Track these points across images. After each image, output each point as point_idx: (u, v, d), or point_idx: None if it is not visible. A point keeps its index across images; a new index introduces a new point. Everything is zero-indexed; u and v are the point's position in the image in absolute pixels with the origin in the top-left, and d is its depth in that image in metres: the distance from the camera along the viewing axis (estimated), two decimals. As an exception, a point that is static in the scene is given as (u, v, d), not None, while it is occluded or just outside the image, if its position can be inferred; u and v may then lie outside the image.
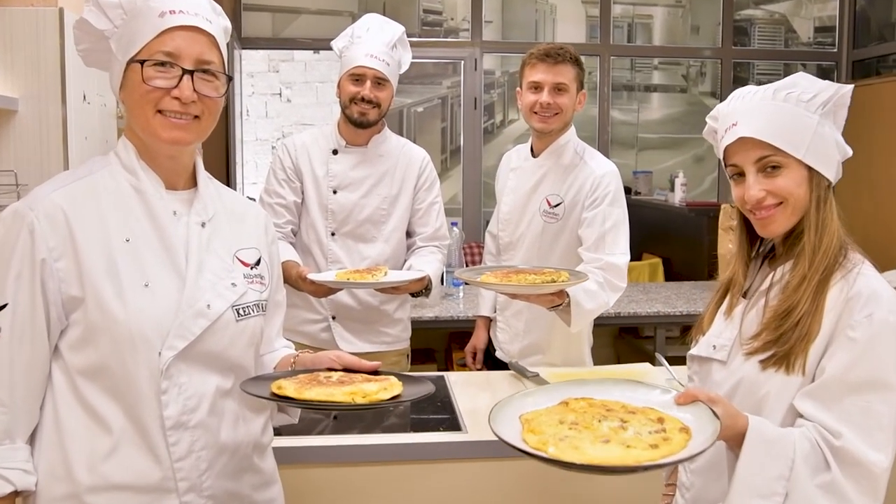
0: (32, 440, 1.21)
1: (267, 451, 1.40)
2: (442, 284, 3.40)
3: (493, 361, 2.53)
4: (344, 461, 1.75)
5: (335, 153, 2.36)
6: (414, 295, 2.32)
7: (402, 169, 2.39)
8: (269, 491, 1.39)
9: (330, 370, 1.31)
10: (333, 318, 2.38)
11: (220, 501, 1.27)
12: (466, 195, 5.03)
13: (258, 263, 1.35)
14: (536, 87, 2.24)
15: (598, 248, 2.21)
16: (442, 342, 3.98)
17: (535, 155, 2.37)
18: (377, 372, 1.30)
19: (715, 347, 1.32)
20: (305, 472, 1.73)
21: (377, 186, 2.36)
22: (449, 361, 3.86)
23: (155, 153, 1.25)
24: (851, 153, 1.27)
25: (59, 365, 1.20)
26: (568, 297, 2.05)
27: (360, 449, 1.76)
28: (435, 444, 1.79)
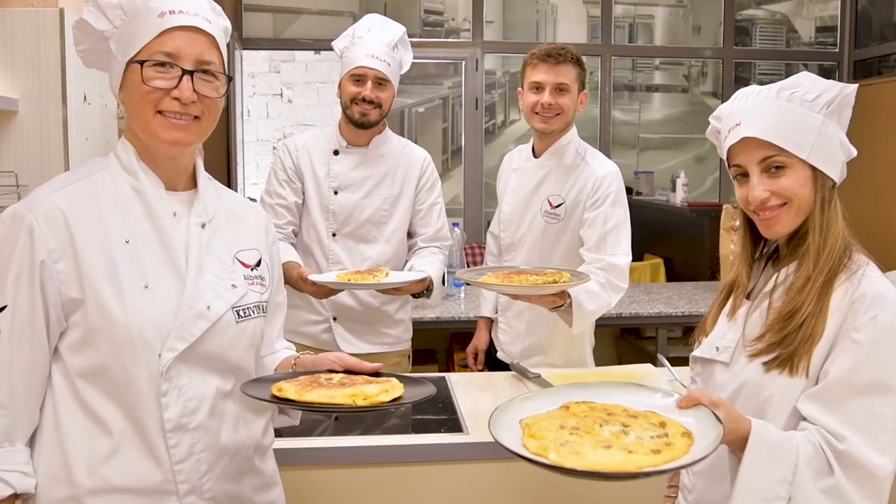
0: (32, 442, 1.20)
1: (268, 452, 1.40)
2: (443, 285, 3.39)
3: (494, 362, 2.53)
4: (345, 463, 1.74)
5: (336, 154, 2.36)
6: (415, 296, 2.32)
7: (403, 169, 2.38)
8: (270, 493, 1.39)
9: (331, 372, 1.30)
10: (334, 318, 2.38)
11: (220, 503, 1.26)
12: (467, 196, 5.03)
13: (258, 265, 1.34)
14: (538, 87, 2.23)
15: (599, 248, 2.20)
16: (443, 343, 3.98)
17: (536, 155, 2.37)
18: (378, 374, 1.30)
19: (718, 349, 1.31)
20: (306, 473, 1.72)
21: (378, 187, 2.35)
22: (450, 362, 3.85)
23: (155, 154, 1.25)
24: (856, 153, 1.26)
25: (58, 367, 1.20)
26: (569, 297, 2.04)
27: (361, 450, 1.75)
28: (436, 445, 1.78)
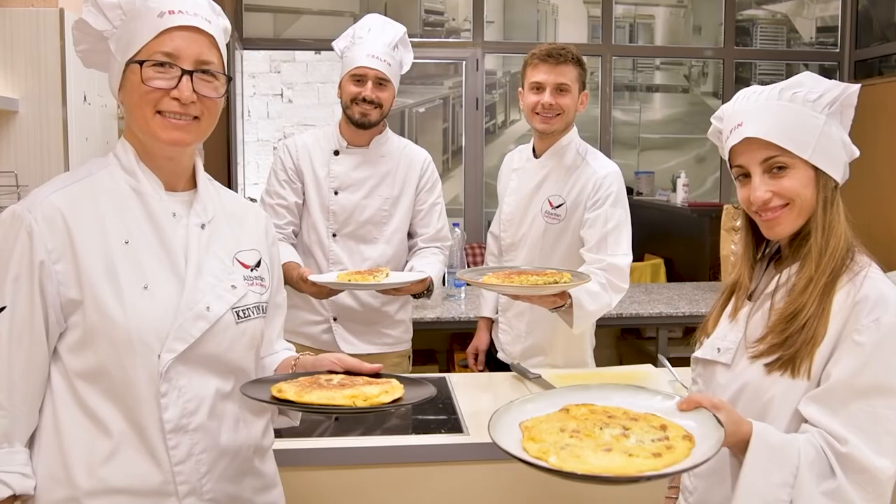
0: (31, 444, 1.20)
1: (268, 453, 1.40)
2: (444, 285, 3.39)
3: (495, 363, 2.52)
4: (345, 463, 1.74)
5: (336, 154, 2.36)
6: (415, 296, 2.32)
7: (403, 170, 2.38)
8: (270, 494, 1.38)
9: (331, 373, 1.30)
10: (335, 319, 2.38)
11: (220, 505, 1.26)
12: (468, 196, 5.03)
13: (258, 265, 1.34)
14: (538, 87, 2.23)
15: (600, 248, 2.20)
16: (444, 343, 3.97)
17: (536, 155, 2.36)
18: (378, 374, 1.30)
19: (719, 350, 1.31)
20: (307, 474, 1.72)
21: (378, 187, 2.35)
22: (451, 363, 3.85)
23: (154, 154, 1.24)
24: (858, 153, 1.26)
25: (58, 368, 1.20)
26: (570, 298, 2.04)
27: (361, 451, 1.75)
28: (436, 446, 1.78)
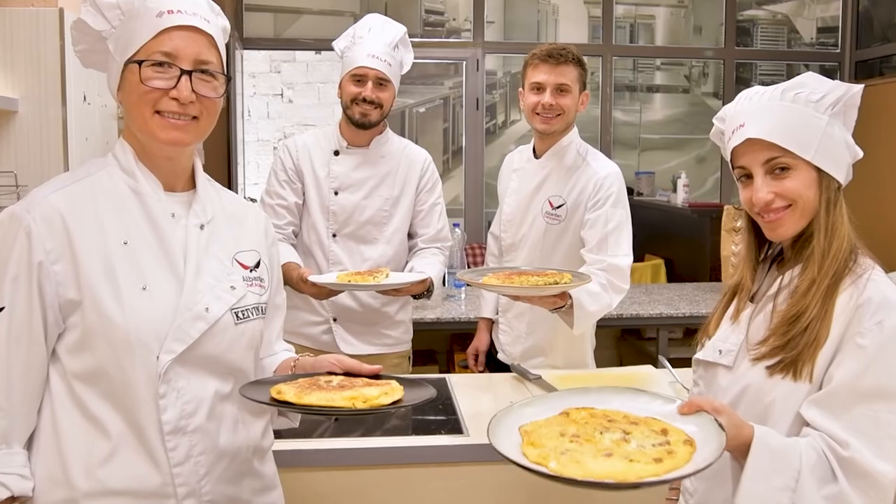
0: (30, 445, 1.19)
1: (267, 455, 1.39)
2: (444, 286, 3.38)
3: (495, 364, 2.52)
4: (345, 464, 1.74)
5: (336, 154, 2.35)
6: (416, 297, 2.31)
7: (403, 170, 2.38)
8: (269, 495, 1.38)
9: (330, 374, 1.30)
10: (335, 319, 2.37)
11: (219, 507, 1.26)
12: (468, 196, 5.02)
13: (258, 266, 1.33)
14: (539, 87, 2.22)
15: (600, 249, 2.19)
16: (444, 344, 3.97)
17: (537, 156, 2.36)
18: (378, 376, 1.29)
19: (721, 352, 1.30)
20: (306, 475, 1.71)
21: (379, 188, 2.35)
22: (451, 363, 3.84)
23: (153, 154, 1.24)
24: (862, 154, 1.25)
25: (56, 369, 1.19)
26: (570, 298, 2.03)
27: (361, 452, 1.74)
28: (437, 447, 1.77)
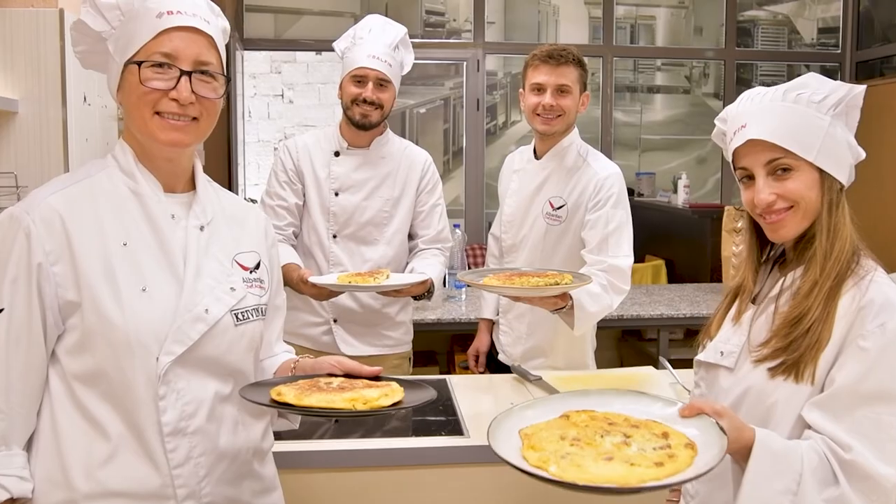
0: (29, 446, 1.19)
1: (267, 456, 1.39)
2: (444, 287, 3.38)
3: (495, 364, 2.51)
4: (345, 466, 1.73)
5: (337, 155, 2.35)
6: (416, 298, 2.31)
7: (404, 171, 2.37)
8: (269, 497, 1.37)
9: (331, 376, 1.29)
10: (335, 321, 2.37)
11: (219, 508, 1.25)
12: (469, 197, 5.02)
13: (257, 267, 1.33)
14: (539, 88, 2.22)
15: (601, 250, 2.19)
16: (444, 345, 3.97)
17: (537, 157, 2.35)
18: (378, 377, 1.29)
19: (722, 354, 1.29)
20: (306, 477, 1.71)
21: (379, 189, 2.34)
22: (451, 364, 3.84)
23: (153, 156, 1.24)
24: (864, 155, 1.24)
25: (56, 370, 1.19)
26: (571, 299, 2.03)
27: (361, 454, 1.74)
28: (437, 448, 1.77)
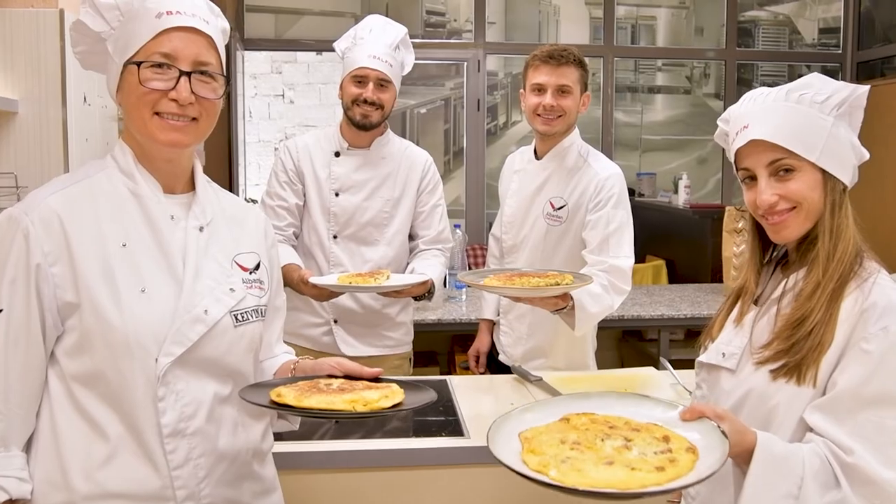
0: (28, 448, 1.19)
1: (267, 457, 1.39)
2: (445, 287, 3.38)
3: (496, 365, 2.51)
4: (345, 467, 1.73)
5: (337, 155, 2.35)
6: (417, 298, 2.31)
7: (404, 171, 2.37)
8: (269, 498, 1.37)
9: (330, 377, 1.29)
10: (335, 321, 2.37)
11: (219, 509, 1.25)
12: (469, 197, 5.02)
13: (257, 268, 1.33)
14: (540, 89, 2.22)
15: (602, 250, 2.19)
16: (445, 345, 3.97)
17: (538, 157, 2.35)
18: (378, 379, 1.28)
19: (724, 355, 1.29)
20: (306, 477, 1.71)
21: (380, 189, 2.34)
22: (452, 365, 3.84)
23: (153, 156, 1.24)
24: (868, 156, 1.24)
25: (55, 371, 1.19)
26: (572, 300, 2.03)
27: (361, 454, 1.74)
28: (437, 449, 1.77)
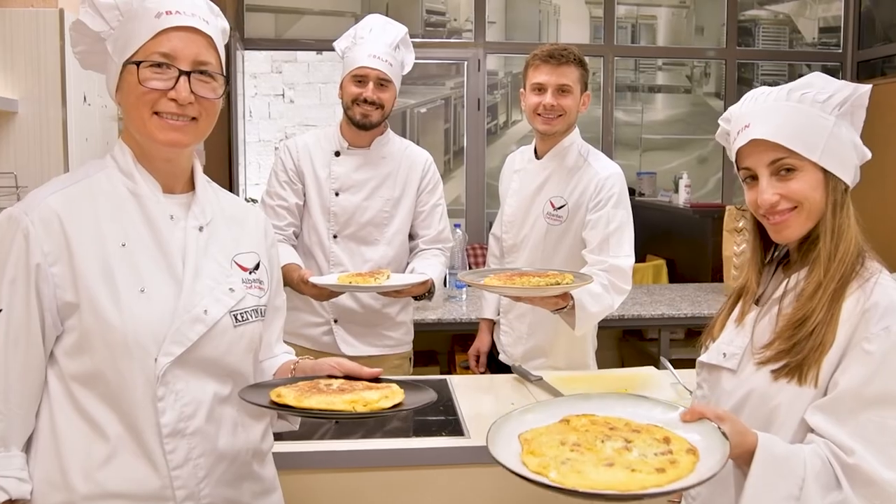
0: (28, 448, 1.19)
1: (267, 457, 1.38)
2: (445, 287, 3.37)
3: (496, 364, 2.51)
4: (345, 467, 1.73)
5: (337, 155, 2.35)
6: (417, 298, 2.31)
7: (404, 171, 2.37)
8: (269, 498, 1.37)
9: (330, 377, 1.29)
10: (335, 321, 2.36)
11: (218, 510, 1.25)
12: (470, 197, 5.01)
13: (257, 268, 1.33)
14: (540, 88, 2.21)
15: (602, 250, 2.19)
16: (445, 345, 3.96)
17: (538, 156, 2.35)
18: (378, 379, 1.28)
19: (725, 355, 1.28)
20: (306, 478, 1.71)
21: (380, 189, 2.34)
22: (452, 364, 3.84)
23: (152, 156, 1.24)
24: (870, 156, 1.23)
25: (54, 371, 1.19)
26: (572, 299, 2.03)
27: (361, 454, 1.74)
28: (437, 448, 1.76)
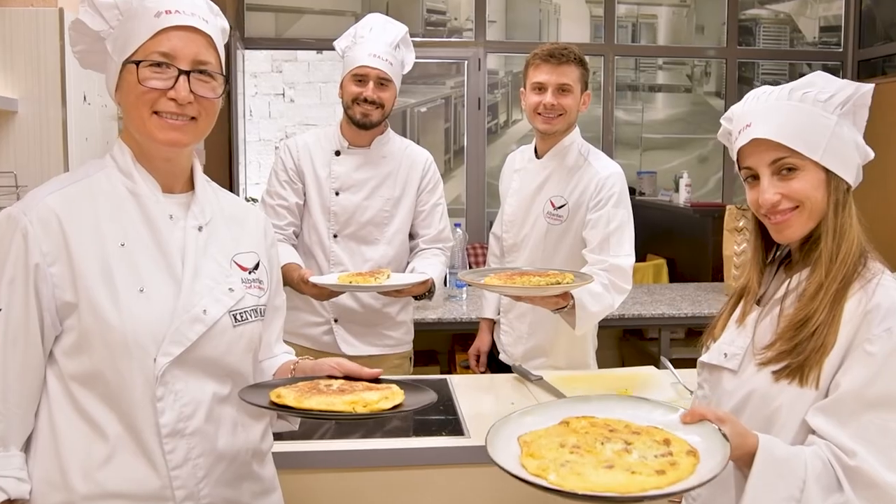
0: (27, 447, 1.19)
1: (266, 457, 1.38)
2: (445, 286, 3.37)
3: (496, 364, 2.51)
4: (345, 466, 1.73)
5: (338, 154, 2.34)
6: (417, 298, 2.31)
7: (405, 170, 2.37)
8: (268, 498, 1.37)
9: (330, 378, 1.29)
10: (336, 320, 2.36)
11: (218, 510, 1.25)
12: (470, 196, 5.01)
13: (256, 268, 1.33)
14: (540, 87, 2.21)
15: (602, 249, 2.19)
16: (445, 344, 3.96)
17: (538, 156, 2.35)
18: (378, 379, 1.28)
19: (726, 356, 1.28)
20: (306, 478, 1.70)
21: (380, 188, 2.34)
22: (452, 364, 3.84)
23: (151, 156, 1.23)
24: (873, 155, 1.23)
25: (53, 371, 1.19)
26: (572, 299, 2.03)
27: (361, 454, 1.73)
28: (437, 448, 1.76)
